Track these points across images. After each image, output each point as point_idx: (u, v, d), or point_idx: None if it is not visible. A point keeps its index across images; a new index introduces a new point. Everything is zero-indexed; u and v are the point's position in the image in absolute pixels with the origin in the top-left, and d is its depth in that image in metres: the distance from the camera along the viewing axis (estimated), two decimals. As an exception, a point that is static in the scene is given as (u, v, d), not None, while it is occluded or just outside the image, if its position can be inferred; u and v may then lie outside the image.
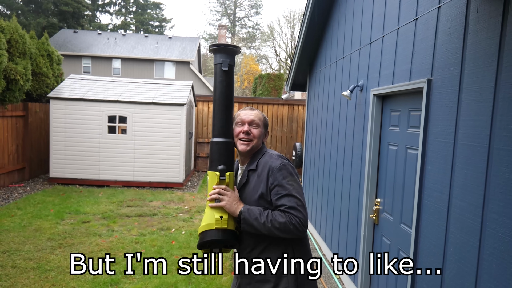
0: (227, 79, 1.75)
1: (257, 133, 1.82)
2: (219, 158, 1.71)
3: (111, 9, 39.81)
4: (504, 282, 1.63)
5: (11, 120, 7.57)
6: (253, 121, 1.82)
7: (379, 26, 3.22)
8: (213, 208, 1.71)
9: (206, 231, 1.68)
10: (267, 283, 1.74)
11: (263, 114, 1.91)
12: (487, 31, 1.81)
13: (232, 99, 1.79)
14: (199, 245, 1.70)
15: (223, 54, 1.73)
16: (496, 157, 1.73)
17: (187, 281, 3.80)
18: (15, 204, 6.30)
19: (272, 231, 1.64)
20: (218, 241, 1.68)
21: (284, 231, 1.64)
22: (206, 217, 1.72)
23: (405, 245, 2.67)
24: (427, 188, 2.32)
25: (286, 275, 1.73)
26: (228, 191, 1.71)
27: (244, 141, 1.80)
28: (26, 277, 3.73)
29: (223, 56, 1.73)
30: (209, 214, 1.71)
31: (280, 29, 40.21)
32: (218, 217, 1.67)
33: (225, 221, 1.68)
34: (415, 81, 2.48)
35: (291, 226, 1.63)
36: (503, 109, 1.69)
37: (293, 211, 1.65)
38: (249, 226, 1.67)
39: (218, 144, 1.72)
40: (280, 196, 1.69)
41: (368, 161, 3.29)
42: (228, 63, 1.72)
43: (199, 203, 7.01)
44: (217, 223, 1.67)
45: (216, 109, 1.76)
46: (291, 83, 6.63)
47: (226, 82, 1.74)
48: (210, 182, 1.73)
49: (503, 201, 1.67)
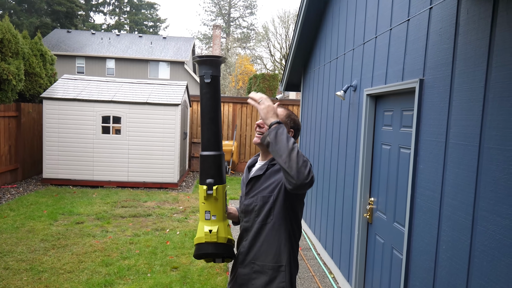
0: (211, 91, 1.71)
1: None
2: (208, 172, 1.70)
3: (105, 9, 39.60)
4: (495, 279, 1.66)
5: (4, 120, 7.50)
6: None
7: (372, 26, 3.25)
8: (203, 221, 1.72)
9: (199, 244, 1.72)
10: (264, 275, 1.76)
11: (287, 112, 1.86)
12: (477, 32, 1.84)
13: (217, 110, 1.73)
14: (195, 256, 1.75)
15: (206, 65, 1.69)
16: (486, 156, 1.75)
17: (182, 281, 3.80)
18: (7, 205, 6.24)
19: (292, 156, 1.50)
20: (209, 255, 1.72)
21: (302, 165, 1.49)
22: (198, 229, 1.74)
23: (399, 244, 2.70)
24: (420, 187, 2.34)
25: (284, 271, 1.75)
26: (267, 101, 1.65)
27: (257, 134, 1.82)
28: (19, 278, 3.70)
29: (205, 67, 1.69)
30: (200, 227, 1.73)
31: (274, 29, 40.32)
32: (207, 231, 1.68)
33: (214, 234, 1.68)
34: (408, 81, 2.50)
35: (309, 167, 1.53)
36: (493, 109, 1.72)
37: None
38: (275, 137, 1.56)
39: (206, 157, 1.70)
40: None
41: (362, 161, 3.32)
42: (211, 74, 1.69)
43: (193, 204, 7.00)
44: (206, 237, 1.69)
45: (202, 122, 1.73)
46: (286, 83, 6.65)
47: (210, 94, 1.71)
48: (200, 196, 1.72)
49: (493, 199, 1.69)
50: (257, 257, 1.80)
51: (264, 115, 1.64)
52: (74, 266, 4.03)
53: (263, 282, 1.77)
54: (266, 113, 1.63)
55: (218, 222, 1.72)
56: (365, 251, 3.36)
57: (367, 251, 3.34)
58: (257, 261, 1.79)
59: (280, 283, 1.76)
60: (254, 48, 38.68)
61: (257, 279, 1.78)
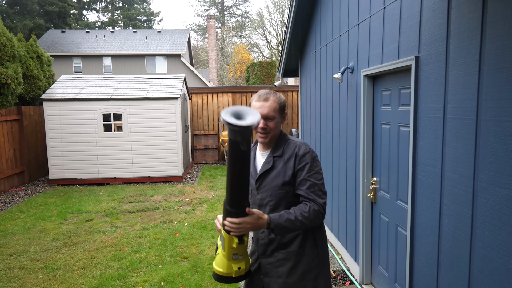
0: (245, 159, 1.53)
1: (273, 125, 1.82)
2: (223, 218, 1.68)
3: (97, 6, 39.25)
4: (497, 248, 1.70)
5: (6, 124, 7.56)
6: (268, 115, 1.80)
7: (366, 6, 3.23)
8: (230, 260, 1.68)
9: (224, 276, 1.70)
10: (288, 261, 1.81)
11: (278, 98, 1.85)
12: (469, 5, 1.84)
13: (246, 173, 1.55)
14: (218, 281, 1.73)
15: (245, 135, 1.47)
16: (484, 128, 1.77)
17: (193, 271, 3.88)
18: (17, 207, 6.34)
19: (304, 223, 1.69)
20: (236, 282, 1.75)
21: (313, 219, 1.71)
22: (223, 265, 1.69)
23: (403, 221, 2.74)
24: (420, 163, 2.37)
25: (308, 254, 1.82)
26: (244, 219, 1.60)
27: (262, 135, 1.83)
28: (35, 277, 3.80)
29: (243, 137, 1.47)
30: (227, 264, 1.68)
31: (269, 15, 39.80)
32: (237, 268, 1.69)
33: (243, 270, 1.71)
34: (403, 59, 2.51)
35: (317, 209, 1.72)
36: (488, 81, 1.73)
37: (316, 196, 1.74)
38: (282, 229, 1.67)
39: (224, 208, 1.66)
40: (303, 181, 1.76)
41: (363, 142, 3.34)
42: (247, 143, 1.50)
43: (199, 195, 7.07)
44: (235, 274, 1.70)
45: (229, 179, 1.58)
46: (283, 69, 6.63)
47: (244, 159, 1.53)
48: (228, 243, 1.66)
49: (492, 171, 1.72)
50: (279, 247, 1.83)
51: (256, 228, 1.64)
52: (87, 262, 4.12)
53: (288, 268, 1.81)
54: (255, 227, 1.63)
55: (244, 257, 1.72)
56: (371, 230, 3.41)
57: (372, 230, 3.39)
58: (280, 250, 1.82)
59: (306, 265, 1.81)
60: (250, 36, 38.34)
61: (282, 266, 1.82)
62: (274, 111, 1.82)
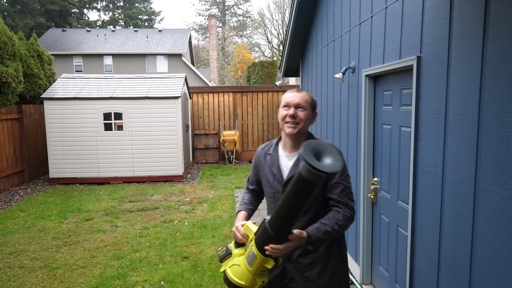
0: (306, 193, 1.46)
1: (303, 116, 1.76)
2: (259, 238, 1.60)
3: (98, 5, 39.27)
4: (498, 249, 1.69)
5: (7, 123, 7.55)
6: (299, 104, 1.75)
7: (368, 6, 3.22)
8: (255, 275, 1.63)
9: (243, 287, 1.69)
10: (317, 265, 1.79)
11: (310, 96, 1.83)
12: (472, 5, 1.83)
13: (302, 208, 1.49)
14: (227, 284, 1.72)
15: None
16: (485, 129, 1.77)
17: (193, 270, 3.88)
18: (17, 206, 6.34)
19: (339, 231, 1.69)
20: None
21: (346, 226, 1.71)
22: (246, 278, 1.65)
23: (403, 221, 2.73)
24: (422, 163, 2.36)
25: (334, 256, 1.82)
26: (289, 245, 1.56)
27: (291, 124, 1.76)
28: (34, 276, 3.80)
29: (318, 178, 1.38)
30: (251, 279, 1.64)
31: (270, 15, 39.80)
32: (261, 282, 1.68)
33: (265, 283, 1.71)
34: (405, 59, 2.50)
35: (349, 215, 1.73)
36: (490, 81, 1.72)
37: (348, 199, 1.75)
38: (321, 242, 1.67)
39: (267, 232, 1.56)
40: (336, 184, 1.76)
41: (364, 142, 3.33)
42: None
43: (200, 195, 7.07)
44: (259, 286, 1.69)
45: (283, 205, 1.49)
46: (284, 69, 6.62)
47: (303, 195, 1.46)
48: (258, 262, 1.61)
49: (494, 171, 1.71)
50: (307, 251, 1.79)
51: (298, 245, 1.60)
52: (87, 261, 4.12)
53: (317, 271, 1.79)
54: (297, 245, 1.59)
55: (268, 271, 1.71)
56: (371, 230, 3.40)
57: (373, 231, 3.38)
58: (308, 254, 1.79)
59: (333, 267, 1.81)
60: (251, 36, 38.34)
61: (310, 271, 1.79)
62: (306, 103, 1.78)
